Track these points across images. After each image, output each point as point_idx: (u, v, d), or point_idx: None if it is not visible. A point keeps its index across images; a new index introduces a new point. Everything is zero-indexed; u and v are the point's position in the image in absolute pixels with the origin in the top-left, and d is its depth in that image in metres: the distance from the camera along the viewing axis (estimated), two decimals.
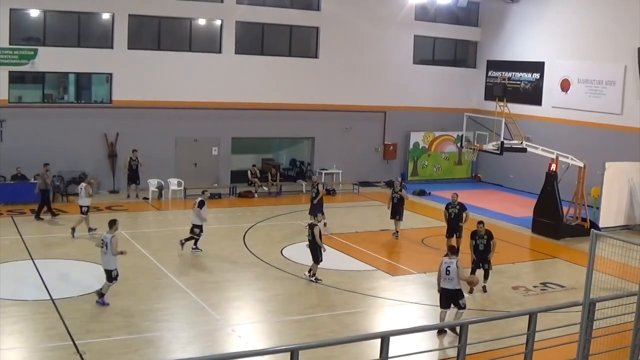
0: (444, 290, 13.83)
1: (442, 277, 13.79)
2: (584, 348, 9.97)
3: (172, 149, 28.24)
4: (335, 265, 18.59)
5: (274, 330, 14.20)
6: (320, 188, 22.88)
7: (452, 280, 13.68)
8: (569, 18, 29.49)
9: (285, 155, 33.66)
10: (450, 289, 13.74)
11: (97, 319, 13.90)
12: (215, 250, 19.74)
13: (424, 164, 33.74)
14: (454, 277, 13.67)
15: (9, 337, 12.80)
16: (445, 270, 13.72)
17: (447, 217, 20.02)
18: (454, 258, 13.90)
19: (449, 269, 13.69)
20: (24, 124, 25.35)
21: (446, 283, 13.75)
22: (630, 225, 24.21)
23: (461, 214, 19.80)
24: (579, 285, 15.87)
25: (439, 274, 13.91)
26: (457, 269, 13.69)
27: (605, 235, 10.51)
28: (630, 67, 26.97)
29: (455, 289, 13.76)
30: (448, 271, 13.69)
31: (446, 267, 13.74)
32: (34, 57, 25.43)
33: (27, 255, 18.16)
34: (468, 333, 9.76)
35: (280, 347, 12.10)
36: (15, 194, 24.43)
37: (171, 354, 12.46)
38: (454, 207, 19.90)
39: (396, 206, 21.87)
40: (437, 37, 33.63)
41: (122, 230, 21.20)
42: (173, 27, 28.28)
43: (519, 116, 27.03)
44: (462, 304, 13.86)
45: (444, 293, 13.85)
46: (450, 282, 13.70)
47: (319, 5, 30.45)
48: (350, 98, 31.07)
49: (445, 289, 13.81)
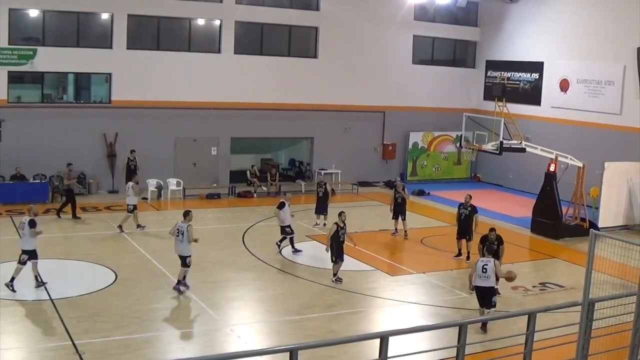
0: (479, 288, 13.98)
1: (478, 275, 13.88)
2: (583, 348, 9.97)
3: (171, 149, 28.24)
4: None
5: (273, 330, 14.19)
6: (328, 188, 23.12)
7: (488, 278, 13.85)
8: (568, 18, 29.50)
9: (284, 155, 33.67)
10: (486, 287, 13.90)
11: (96, 319, 13.88)
12: (214, 250, 19.74)
13: (423, 164, 33.75)
14: (491, 275, 13.83)
15: (8, 336, 12.79)
16: (482, 268, 13.83)
17: (458, 218, 19.85)
18: (490, 257, 14.09)
19: (485, 267, 13.83)
20: (23, 124, 25.34)
21: (482, 281, 13.89)
22: (630, 225, 24.21)
23: (472, 216, 19.50)
24: (578, 285, 15.87)
25: (473, 272, 14.01)
26: (494, 267, 13.89)
27: (604, 235, 10.51)
28: (629, 67, 26.98)
29: (490, 286, 13.93)
30: (485, 269, 13.81)
31: (483, 265, 13.86)
32: (33, 57, 25.43)
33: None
34: (467, 333, 9.76)
35: (279, 347, 12.10)
36: (14, 194, 24.46)
37: (170, 354, 12.46)
38: (465, 209, 19.62)
39: (400, 206, 21.87)
40: (436, 37, 33.66)
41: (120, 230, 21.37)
42: (172, 27, 28.29)
43: (518, 116, 27.04)
44: (494, 302, 14.06)
45: (479, 291, 14.00)
46: (486, 280, 13.86)
47: (318, 5, 30.46)
48: (350, 98, 31.09)
49: (480, 287, 13.96)
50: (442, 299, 16.39)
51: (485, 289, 13.95)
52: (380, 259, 19.73)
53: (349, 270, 18.36)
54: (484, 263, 13.91)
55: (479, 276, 13.90)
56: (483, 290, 13.97)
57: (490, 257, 14.15)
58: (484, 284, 13.90)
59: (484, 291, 13.97)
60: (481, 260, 14.04)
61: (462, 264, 19.02)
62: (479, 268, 13.90)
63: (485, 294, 13.98)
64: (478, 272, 13.90)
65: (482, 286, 13.94)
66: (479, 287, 13.99)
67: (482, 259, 14.12)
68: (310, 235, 21.99)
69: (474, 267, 14.07)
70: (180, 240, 15.74)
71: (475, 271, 14.00)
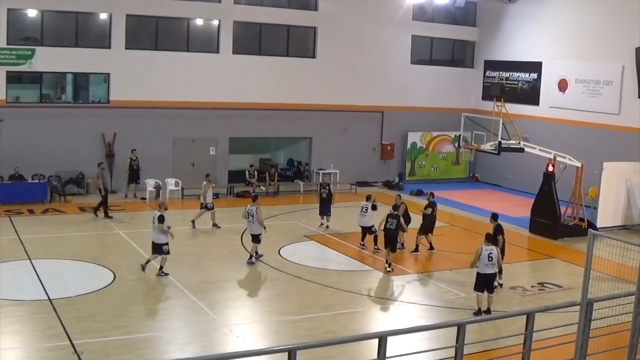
0: (484, 275, 14.83)
1: (484, 263, 14.73)
2: (582, 348, 9.98)
3: (169, 149, 28.23)
4: (333, 265, 18.61)
5: (271, 330, 14.19)
6: (332, 189, 23.29)
7: (493, 265, 14.83)
8: (567, 18, 29.52)
9: (283, 155, 33.66)
10: (491, 274, 14.88)
11: (95, 319, 13.87)
12: (212, 250, 19.75)
13: (422, 164, 33.75)
14: (495, 262, 14.84)
15: (7, 337, 12.77)
16: (488, 256, 14.71)
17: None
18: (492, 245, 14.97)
19: (491, 256, 14.73)
20: (21, 124, 25.33)
21: (488, 268, 14.80)
22: (628, 225, 24.23)
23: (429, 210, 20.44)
24: (577, 285, 15.84)
25: (477, 259, 14.77)
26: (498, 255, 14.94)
27: (602, 235, 10.52)
28: (627, 67, 27.01)
29: (494, 273, 15.04)
30: (490, 257, 14.72)
31: (488, 254, 14.73)
32: (32, 57, 25.41)
33: (24, 255, 18.14)
34: (466, 333, 9.76)
35: (277, 347, 12.10)
36: (13, 194, 24.42)
37: (169, 354, 12.45)
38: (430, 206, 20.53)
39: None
40: (434, 37, 33.67)
41: (119, 231, 21.38)
42: (171, 27, 28.27)
43: (516, 116, 27.08)
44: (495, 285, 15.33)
45: (483, 278, 14.84)
46: (492, 267, 14.84)
47: (317, 5, 30.46)
48: (348, 98, 31.09)
49: (485, 274, 14.81)
50: (441, 299, 16.37)
51: (490, 275, 14.89)
52: (379, 259, 19.72)
53: (347, 270, 18.38)
54: (489, 251, 14.74)
55: (484, 264, 14.71)
56: (487, 277, 14.85)
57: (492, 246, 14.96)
58: (490, 271, 14.85)
59: (488, 277, 14.86)
60: (485, 249, 14.77)
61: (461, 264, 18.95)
62: (484, 256, 14.67)
63: (489, 280, 14.87)
64: (484, 261, 14.69)
65: (489, 273, 14.83)
66: (485, 274, 14.77)
67: (486, 247, 14.81)
68: (309, 235, 21.96)
69: (478, 255, 14.74)
70: (251, 222, 18.21)
71: (480, 259, 14.73)
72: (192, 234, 21.67)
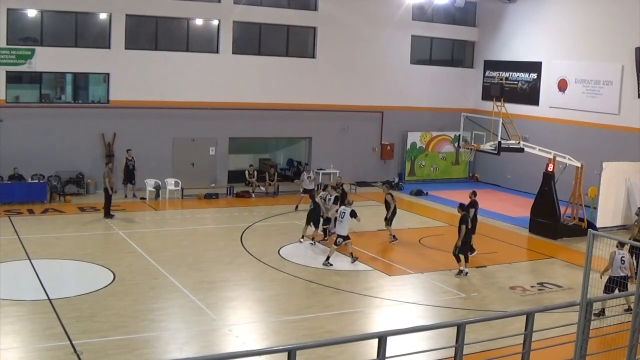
0: (617, 279, 14.81)
1: (617, 266, 14.94)
2: (582, 348, 9.97)
3: (169, 149, 28.22)
4: (333, 265, 18.59)
5: (271, 330, 14.18)
6: (345, 188, 23.28)
7: (625, 269, 15.02)
8: (566, 18, 29.52)
9: (282, 155, 33.66)
10: (624, 276, 14.93)
11: (94, 319, 13.87)
12: (212, 250, 19.74)
13: (421, 164, 33.75)
14: (627, 266, 15.08)
15: (7, 337, 12.76)
16: (621, 259, 14.98)
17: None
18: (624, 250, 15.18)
19: (623, 259, 14.99)
20: (21, 124, 25.33)
21: (622, 271, 14.96)
22: (628, 225, 24.15)
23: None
24: (576, 285, 15.87)
25: (612, 265, 14.97)
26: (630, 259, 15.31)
27: (602, 235, 10.54)
28: (627, 67, 27.01)
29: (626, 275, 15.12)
30: (623, 261, 15.00)
31: (621, 257, 14.98)
32: (31, 57, 25.39)
33: (24, 255, 18.13)
34: (465, 333, 9.76)
35: (277, 347, 12.11)
36: (12, 194, 24.41)
37: (168, 354, 12.44)
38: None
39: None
40: (434, 37, 33.67)
41: (119, 230, 21.36)
42: (170, 27, 28.26)
43: (516, 116, 27.08)
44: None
45: (615, 281, 14.79)
46: (624, 271, 14.98)
47: (316, 5, 30.45)
48: (348, 98, 31.10)
49: (619, 277, 14.85)
50: (440, 299, 16.39)
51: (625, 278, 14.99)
52: (378, 259, 19.72)
53: (346, 270, 18.37)
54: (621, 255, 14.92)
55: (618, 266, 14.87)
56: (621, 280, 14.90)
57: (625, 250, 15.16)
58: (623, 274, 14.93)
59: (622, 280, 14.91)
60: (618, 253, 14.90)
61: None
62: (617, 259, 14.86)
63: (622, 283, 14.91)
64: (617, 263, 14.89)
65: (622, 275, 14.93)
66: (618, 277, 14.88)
67: (619, 252, 14.90)
68: (309, 235, 21.92)
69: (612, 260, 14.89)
70: (340, 221, 18.58)
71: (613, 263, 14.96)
72: (191, 233, 21.67)
